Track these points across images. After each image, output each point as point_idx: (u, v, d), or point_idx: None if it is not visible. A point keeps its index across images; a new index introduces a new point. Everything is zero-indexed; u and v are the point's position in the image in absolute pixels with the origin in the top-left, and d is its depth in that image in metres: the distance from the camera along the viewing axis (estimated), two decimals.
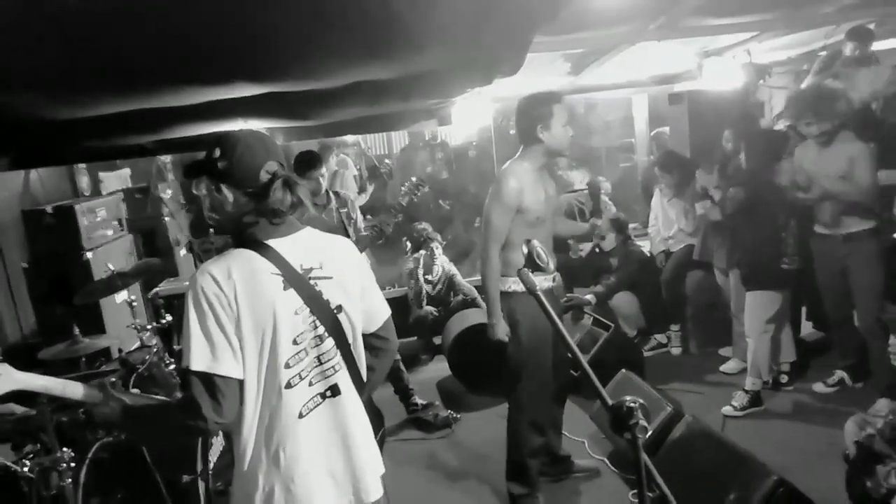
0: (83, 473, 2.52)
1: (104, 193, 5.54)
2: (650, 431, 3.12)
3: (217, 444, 3.11)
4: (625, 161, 8.77)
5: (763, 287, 3.95)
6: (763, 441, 3.52)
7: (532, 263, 1.59)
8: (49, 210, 4.33)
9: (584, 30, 4.24)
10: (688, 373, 4.62)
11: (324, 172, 3.95)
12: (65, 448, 2.38)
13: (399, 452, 3.94)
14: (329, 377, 1.70)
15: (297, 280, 1.64)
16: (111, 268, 3.53)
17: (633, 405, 1.26)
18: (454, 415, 4.25)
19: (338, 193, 4.16)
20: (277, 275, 1.62)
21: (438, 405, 4.33)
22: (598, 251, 5.37)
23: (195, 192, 1.75)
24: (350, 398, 1.73)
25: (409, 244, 5.68)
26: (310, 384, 1.66)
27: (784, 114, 4.57)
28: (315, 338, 1.67)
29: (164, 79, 2.66)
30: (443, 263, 5.49)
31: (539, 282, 2.48)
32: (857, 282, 3.73)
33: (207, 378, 1.52)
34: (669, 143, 5.91)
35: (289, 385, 1.62)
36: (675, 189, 5.00)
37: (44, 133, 3.50)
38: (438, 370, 5.06)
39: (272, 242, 1.66)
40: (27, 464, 2.37)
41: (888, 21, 5.05)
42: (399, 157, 8.28)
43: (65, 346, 3.14)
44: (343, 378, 1.72)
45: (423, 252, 5.45)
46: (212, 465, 2.96)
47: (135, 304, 3.63)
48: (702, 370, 4.63)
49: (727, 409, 3.93)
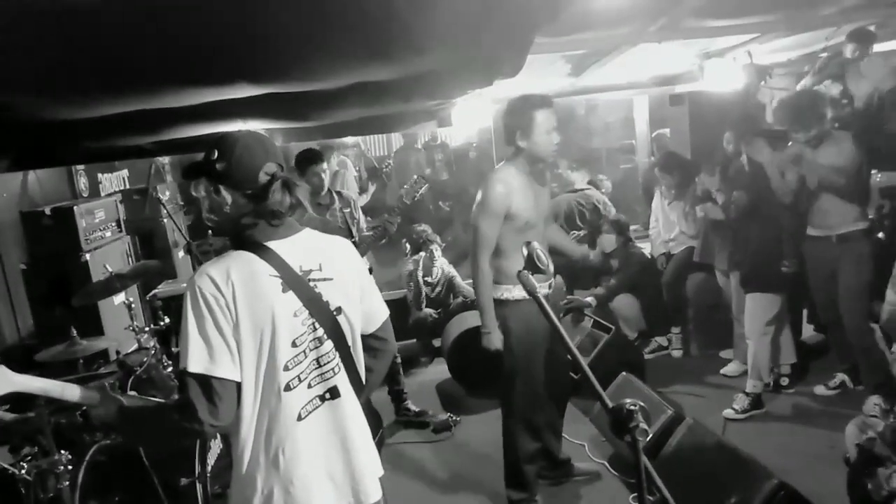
0: (81, 476, 2.51)
1: (103, 195, 5.53)
2: (651, 434, 3.11)
3: (215, 447, 3.11)
4: (625, 162, 8.77)
5: (763, 289, 3.95)
6: (764, 444, 3.51)
7: (532, 266, 1.57)
8: (47, 211, 4.31)
9: (585, 31, 4.24)
10: (688, 375, 4.61)
11: (325, 168, 3.95)
12: (62, 451, 2.38)
13: (398, 455, 3.93)
14: (328, 379, 1.69)
15: (297, 282, 1.64)
16: (109, 269, 3.52)
17: (634, 408, 1.26)
18: (453, 417, 4.24)
19: (341, 193, 4.16)
20: (276, 277, 1.61)
21: (431, 413, 4.29)
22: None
23: (194, 194, 1.74)
24: (349, 400, 1.73)
25: (409, 246, 5.67)
26: (309, 386, 1.65)
27: (774, 119, 4.58)
28: (314, 340, 1.66)
29: (164, 79, 2.66)
30: (442, 265, 5.48)
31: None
32: (846, 282, 3.70)
33: (204, 380, 1.51)
34: (670, 145, 5.91)
35: (288, 387, 1.61)
36: (676, 191, 5.00)
37: (43, 134, 3.50)
38: (438, 372, 5.05)
39: (271, 244, 1.65)
40: (25, 466, 2.37)
41: (889, 23, 5.05)
42: (393, 159, 8.25)
43: (63, 348, 3.13)
44: (342, 380, 1.71)
45: (423, 254, 5.44)
46: (210, 468, 2.95)
47: (133, 306, 3.61)
48: (702, 373, 4.62)
49: (728, 412, 3.92)
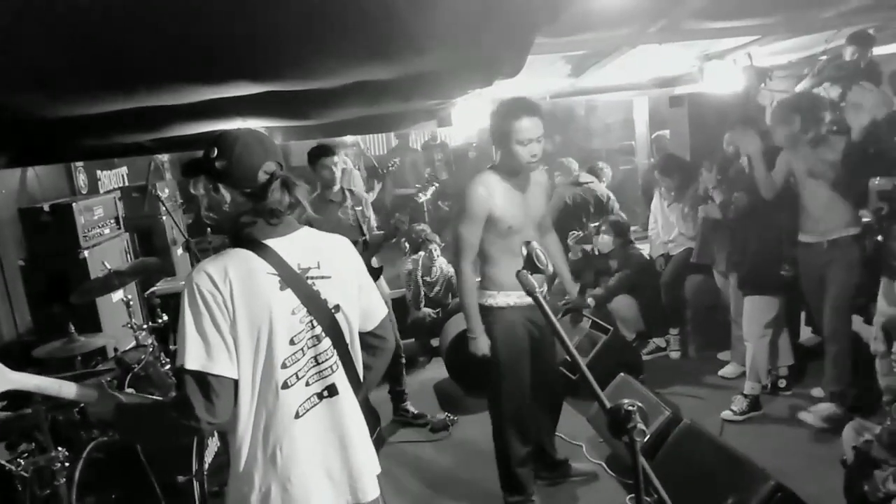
0: (78, 473, 2.51)
1: (102, 192, 5.52)
2: (648, 435, 3.10)
3: (212, 445, 3.10)
4: (625, 164, 8.78)
5: (761, 292, 3.95)
6: (761, 445, 3.51)
7: (531, 265, 1.57)
8: (46, 208, 4.31)
9: (585, 32, 4.24)
10: (686, 376, 4.61)
11: (336, 161, 3.96)
12: (59, 447, 2.38)
13: (396, 454, 3.93)
14: (326, 377, 1.69)
15: (295, 280, 1.64)
16: (108, 266, 3.52)
17: (632, 409, 1.26)
18: (451, 417, 4.24)
19: (352, 191, 4.17)
20: (274, 274, 1.61)
21: (429, 418, 4.28)
22: (597, 253, 5.37)
23: (193, 192, 1.74)
24: (347, 398, 1.73)
25: (408, 245, 5.67)
26: (307, 384, 1.65)
27: (771, 122, 4.56)
28: (312, 338, 1.66)
29: (164, 77, 2.65)
30: (441, 265, 5.47)
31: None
32: (831, 287, 3.64)
33: (201, 377, 1.51)
34: (670, 146, 5.91)
35: (286, 385, 1.61)
36: (676, 193, 5.00)
37: (42, 131, 3.49)
38: (436, 372, 5.05)
39: (269, 242, 1.65)
40: (22, 463, 2.37)
41: (889, 26, 5.05)
42: (384, 159, 8.21)
43: (60, 345, 3.13)
44: (340, 378, 1.71)
45: (422, 253, 5.44)
46: (207, 466, 2.95)
47: (131, 304, 3.61)
48: (700, 374, 4.62)
49: (727, 414, 3.92)
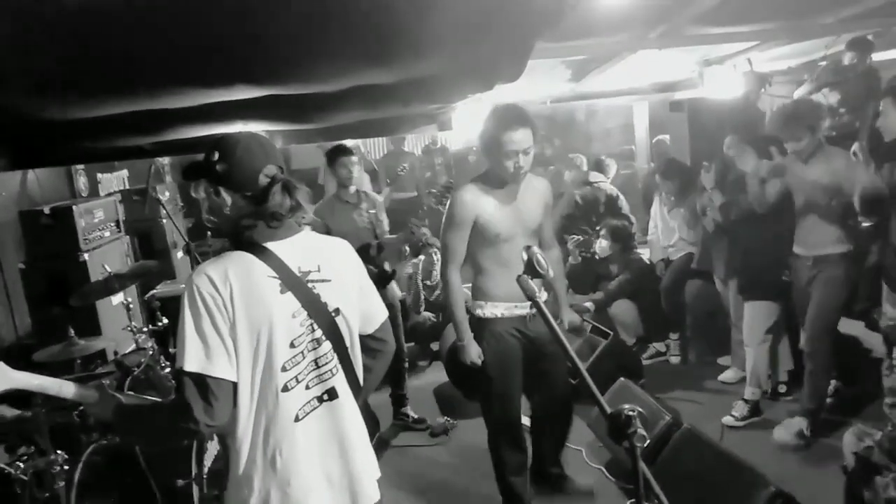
0: (77, 476, 2.51)
1: (102, 194, 5.52)
2: (648, 440, 3.10)
3: (212, 449, 3.10)
4: (625, 168, 8.78)
5: (761, 297, 3.94)
6: (761, 451, 3.50)
7: (531, 270, 1.57)
8: (46, 211, 4.31)
9: (586, 37, 4.25)
10: (686, 381, 4.61)
11: (355, 161, 3.98)
12: (59, 450, 2.37)
13: (396, 458, 3.92)
14: (326, 381, 1.69)
15: (295, 283, 1.64)
16: (108, 269, 3.52)
17: (632, 414, 1.26)
18: (451, 421, 4.23)
19: (367, 194, 4.16)
20: (275, 278, 1.61)
21: (430, 422, 4.26)
22: (597, 258, 5.36)
23: (194, 195, 1.74)
24: (347, 402, 1.72)
25: (408, 249, 5.67)
26: (307, 387, 1.65)
27: (769, 127, 4.55)
28: (312, 341, 1.66)
29: (164, 80, 2.65)
30: None
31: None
32: (815, 303, 3.55)
33: (200, 379, 1.51)
34: (670, 151, 5.92)
35: (285, 388, 1.61)
36: (676, 198, 4.98)
37: (42, 133, 3.49)
38: (436, 376, 5.04)
39: (270, 245, 1.65)
40: (21, 466, 2.36)
41: (888, 32, 5.07)
42: (380, 164, 8.18)
43: (60, 348, 3.12)
44: (340, 381, 1.71)
45: (422, 257, 5.44)
46: (206, 470, 2.94)
47: (131, 307, 3.61)
48: (700, 379, 4.62)
49: (728, 420, 3.91)
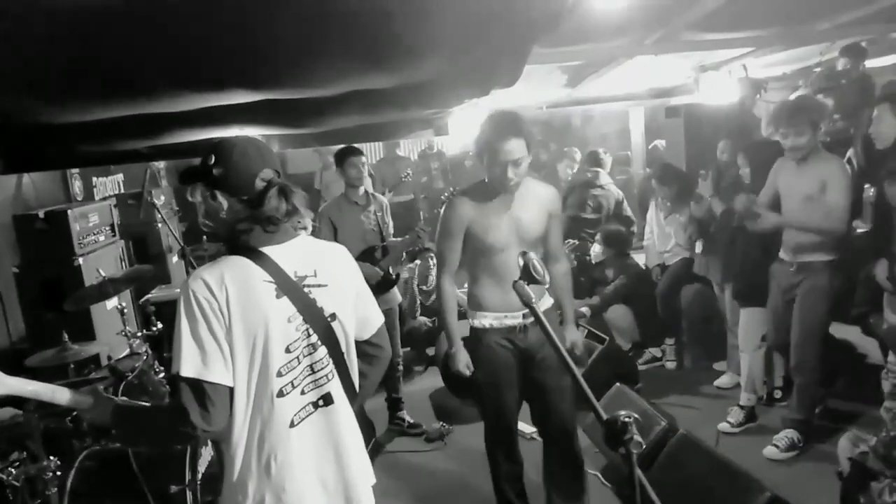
0: (69, 482, 2.49)
1: (97, 198, 5.51)
2: (644, 446, 3.10)
3: (206, 454, 3.08)
4: (621, 173, 8.80)
5: (757, 304, 3.94)
6: (757, 457, 3.51)
7: (528, 276, 1.57)
8: (41, 215, 4.29)
9: (582, 42, 4.27)
10: (682, 387, 4.61)
11: (364, 162, 4.00)
12: (51, 456, 2.35)
13: (391, 463, 3.91)
14: (322, 386, 1.68)
15: (291, 288, 1.63)
16: (102, 274, 3.50)
17: (628, 420, 1.25)
18: (446, 426, 4.22)
19: (376, 196, 4.17)
20: (271, 282, 1.61)
21: (425, 427, 4.25)
22: (592, 263, 5.37)
23: (190, 199, 1.74)
24: (342, 407, 1.72)
25: (405, 254, 5.66)
26: (302, 393, 1.64)
27: (768, 126, 4.54)
28: (308, 346, 1.65)
29: (161, 84, 2.65)
30: None
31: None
32: (800, 314, 3.49)
33: (197, 385, 1.51)
34: (665, 157, 5.94)
35: (281, 393, 1.60)
36: (672, 203, 4.98)
37: (38, 137, 3.49)
38: (432, 381, 5.03)
39: (266, 250, 1.64)
40: (13, 472, 2.34)
41: (882, 39, 5.11)
42: (375, 168, 8.18)
43: (53, 353, 3.10)
44: (336, 387, 1.71)
45: (419, 262, 5.44)
46: (200, 476, 2.92)
47: (126, 311, 3.59)
48: (696, 384, 4.62)
49: (724, 426, 3.90)
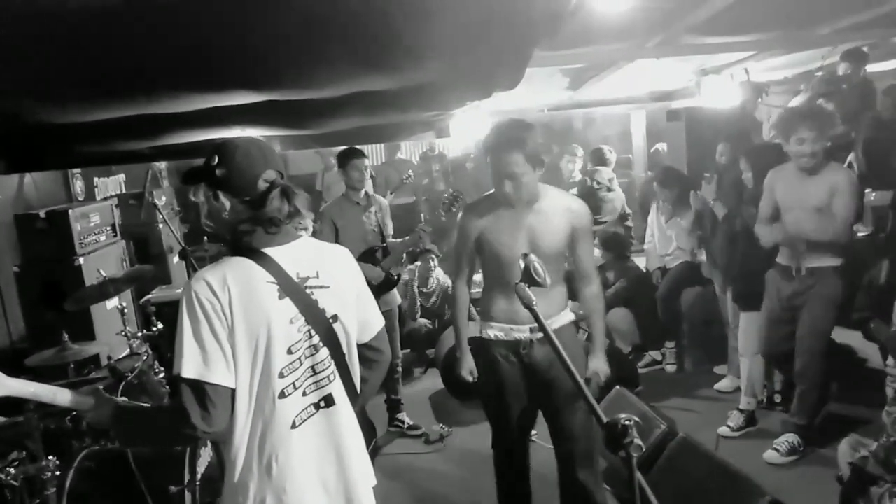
0: (68, 482, 2.49)
1: (98, 199, 5.51)
2: (644, 450, 3.09)
3: (205, 455, 3.08)
4: (622, 177, 8.77)
5: (757, 308, 3.94)
6: (757, 461, 3.50)
7: (529, 278, 1.57)
8: (42, 214, 4.30)
9: (584, 45, 4.28)
10: (682, 390, 4.61)
11: (367, 164, 4.01)
12: (50, 456, 2.35)
13: (391, 466, 3.91)
14: (323, 387, 1.68)
15: (293, 289, 1.63)
16: (103, 274, 3.50)
17: (628, 423, 1.25)
18: (446, 428, 4.21)
19: (375, 197, 4.18)
20: (273, 283, 1.61)
21: (425, 429, 4.25)
22: None
23: (193, 199, 1.75)
24: (344, 409, 1.72)
25: (406, 255, 5.66)
26: (304, 394, 1.65)
27: (776, 129, 4.51)
28: (310, 347, 1.66)
29: (163, 85, 2.66)
30: (438, 276, 5.47)
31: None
32: (807, 320, 3.46)
33: (198, 386, 1.51)
34: (667, 160, 5.93)
35: (282, 395, 1.60)
36: (673, 207, 4.98)
37: (40, 137, 3.49)
38: (431, 383, 5.03)
39: (268, 251, 1.64)
40: (12, 472, 2.34)
41: (883, 43, 5.11)
42: (378, 171, 8.17)
43: (53, 353, 3.10)
44: (337, 388, 1.71)
45: (419, 264, 5.43)
46: (199, 477, 2.92)
47: (126, 311, 3.59)
48: (696, 388, 4.62)
49: (724, 430, 3.90)
